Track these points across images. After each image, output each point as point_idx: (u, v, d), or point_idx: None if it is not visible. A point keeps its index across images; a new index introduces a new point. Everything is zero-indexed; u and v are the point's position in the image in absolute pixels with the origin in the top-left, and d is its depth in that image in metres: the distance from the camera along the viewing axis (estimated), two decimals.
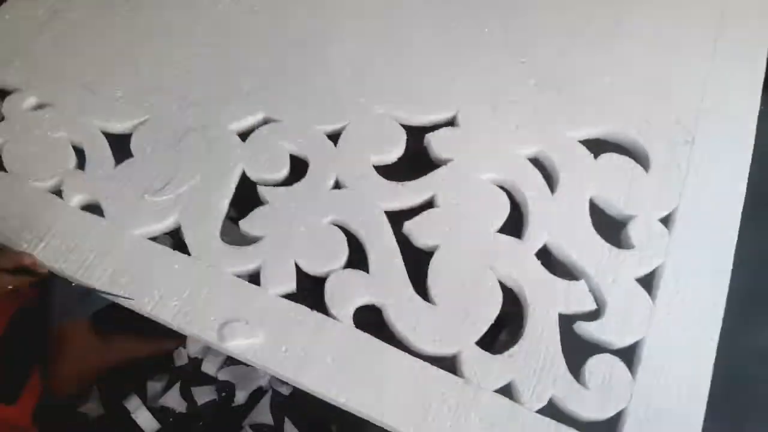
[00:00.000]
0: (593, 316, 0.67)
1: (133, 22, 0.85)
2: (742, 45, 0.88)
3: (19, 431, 0.95)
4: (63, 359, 1.00)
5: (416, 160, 0.78)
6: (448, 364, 0.64)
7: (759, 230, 1.52)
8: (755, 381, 1.38)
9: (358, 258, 0.70)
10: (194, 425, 1.18)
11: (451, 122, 0.80)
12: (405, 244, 0.71)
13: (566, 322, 0.67)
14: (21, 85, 0.78)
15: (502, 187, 0.75)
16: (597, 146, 0.80)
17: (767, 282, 1.47)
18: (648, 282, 0.70)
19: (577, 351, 0.66)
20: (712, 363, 0.66)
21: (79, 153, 0.75)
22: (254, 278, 0.68)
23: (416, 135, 0.79)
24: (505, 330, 0.84)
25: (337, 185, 0.74)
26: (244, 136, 0.76)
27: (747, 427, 1.36)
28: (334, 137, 0.77)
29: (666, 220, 0.74)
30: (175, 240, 0.72)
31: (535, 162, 0.78)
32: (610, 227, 0.74)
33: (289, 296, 0.66)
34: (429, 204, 0.74)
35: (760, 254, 1.50)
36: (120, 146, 0.76)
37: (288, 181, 0.75)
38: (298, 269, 0.68)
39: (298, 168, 0.75)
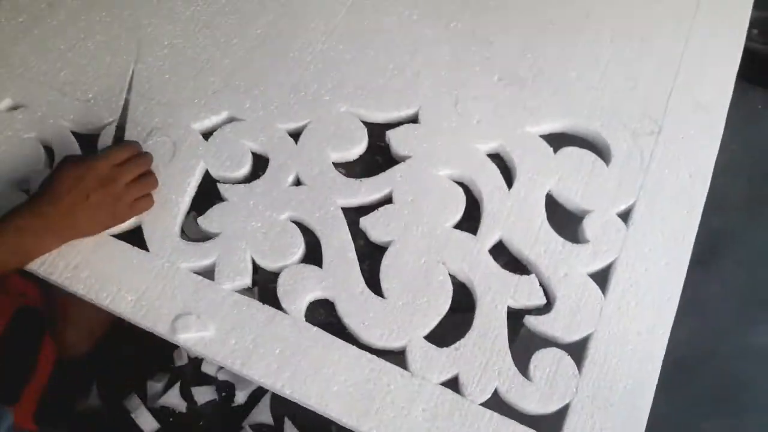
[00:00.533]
0: (544, 310, 0.68)
1: (109, 27, 0.87)
2: (716, 39, 0.87)
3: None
4: (69, 325, 1.03)
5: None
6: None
7: (759, 229, 1.51)
8: (755, 381, 1.37)
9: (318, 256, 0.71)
10: (194, 425, 1.21)
11: (414, 119, 0.80)
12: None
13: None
14: None
15: (460, 183, 0.76)
16: (563, 141, 0.80)
17: (767, 282, 1.47)
18: (603, 276, 0.70)
19: (541, 346, 0.67)
20: (661, 360, 0.65)
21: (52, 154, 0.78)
22: (211, 274, 0.70)
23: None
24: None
25: (298, 182, 0.76)
26: (208, 135, 0.78)
27: (747, 427, 1.35)
28: (296, 135, 0.79)
29: (625, 214, 0.74)
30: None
31: (497, 157, 0.78)
32: (576, 222, 0.75)
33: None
34: (388, 200, 0.75)
35: (759, 253, 1.49)
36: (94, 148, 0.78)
37: (252, 180, 0.76)
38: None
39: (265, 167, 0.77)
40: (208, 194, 0.76)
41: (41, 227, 0.66)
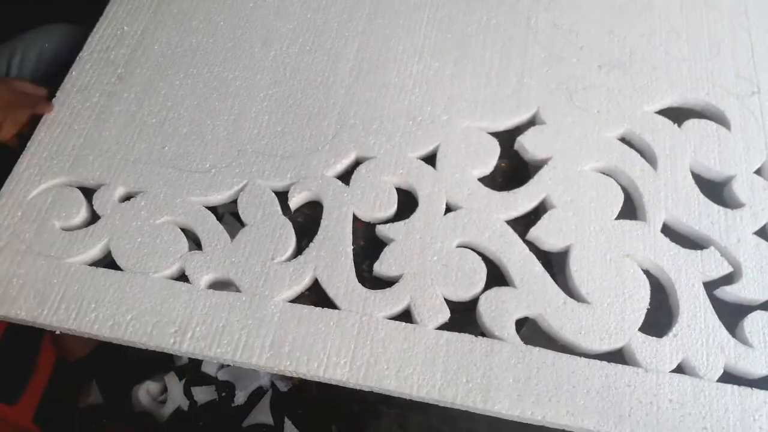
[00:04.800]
0: (731, 278, 0.70)
1: (193, 87, 0.82)
2: None
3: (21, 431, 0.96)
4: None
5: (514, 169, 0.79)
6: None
7: None
8: None
9: (494, 274, 0.70)
10: (194, 425, 1.21)
11: (533, 121, 0.81)
12: None
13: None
14: (103, 178, 0.75)
15: (607, 174, 0.77)
16: (671, 115, 0.82)
17: None
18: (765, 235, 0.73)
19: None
20: None
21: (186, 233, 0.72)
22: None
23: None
24: None
25: (449, 208, 0.74)
26: (341, 179, 0.75)
27: None
28: (429, 160, 0.77)
29: (758, 172, 0.77)
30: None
31: (625, 142, 0.80)
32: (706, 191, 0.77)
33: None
34: (542, 207, 0.75)
35: None
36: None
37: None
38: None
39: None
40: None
41: None
